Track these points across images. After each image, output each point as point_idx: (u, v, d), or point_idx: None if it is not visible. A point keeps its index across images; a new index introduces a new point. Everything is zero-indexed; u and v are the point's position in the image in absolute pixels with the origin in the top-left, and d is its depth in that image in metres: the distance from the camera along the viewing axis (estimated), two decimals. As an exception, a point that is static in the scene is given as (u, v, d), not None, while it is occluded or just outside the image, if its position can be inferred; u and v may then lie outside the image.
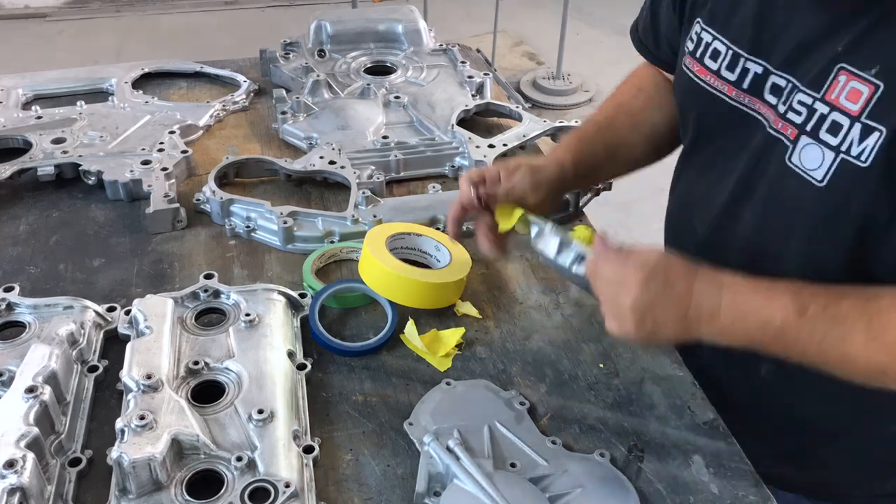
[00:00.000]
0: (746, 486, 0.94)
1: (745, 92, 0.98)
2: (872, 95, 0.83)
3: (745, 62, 0.98)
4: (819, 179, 0.88)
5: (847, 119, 0.85)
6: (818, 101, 0.88)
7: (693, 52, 1.05)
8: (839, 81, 0.86)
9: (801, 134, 0.90)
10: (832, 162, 0.87)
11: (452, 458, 0.91)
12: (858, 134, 0.84)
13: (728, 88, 1.00)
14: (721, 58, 1.01)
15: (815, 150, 0.88)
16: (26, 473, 0.84)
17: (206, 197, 1.40)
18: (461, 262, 1.23)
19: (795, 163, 0.91)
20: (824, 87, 0.88)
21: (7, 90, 1.72)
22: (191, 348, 1.05)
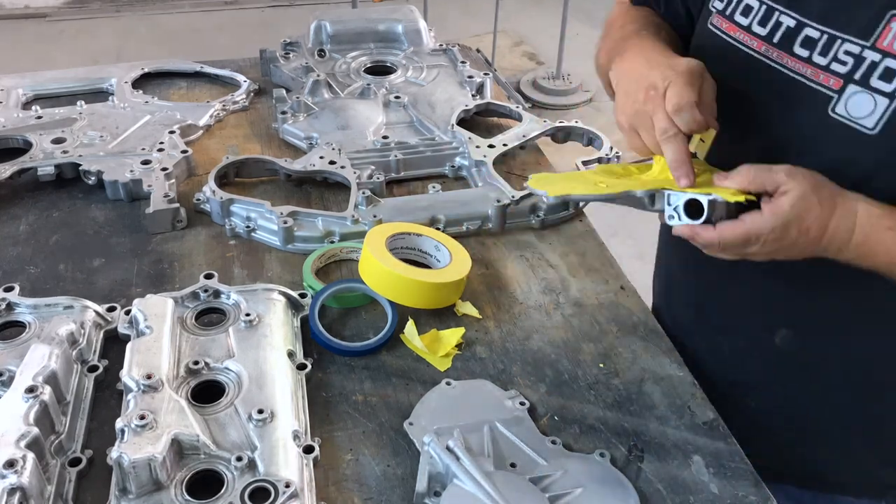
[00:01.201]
0: (746, 486, 0.94)
1: (774, 46, 0.96)
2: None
3: (780, 15, 0.95)
4: (871, 127, 0.86)
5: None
6: (867, 49, 0.87)
7: (723, 11, 1.03)
8: (892, 28, 0.85)
9: (847, 83, 0.88)
10: (886, 108, 0.85)
11: (452, 457, 0.91)
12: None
13: (758, 44, 0.98)
14: (753, 13, 0.98)
15: (865, 97, 0.87)
16: (26, 473, 0.84)
17: (206, 197, 1.40)
18: (461, 262, 1.23)
19: (841, 113, 0.89)
20: (875, 35, 0.86)
21: (7, 90, 1.72)
22: (191, 348, 1.05)
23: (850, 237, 0.86)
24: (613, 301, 1.23)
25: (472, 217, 1.37)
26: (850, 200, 0.87)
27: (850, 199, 0.87)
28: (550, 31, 4.47)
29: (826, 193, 0.87)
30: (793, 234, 0.86)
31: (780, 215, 0.85)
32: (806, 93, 0.93)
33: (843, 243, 0.86)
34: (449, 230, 1.34)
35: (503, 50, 4.77)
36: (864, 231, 0.86)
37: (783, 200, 0.85)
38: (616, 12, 1.23)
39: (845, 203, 0.87)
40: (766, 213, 0.86)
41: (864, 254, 0.87)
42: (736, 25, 1.01)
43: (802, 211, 0.85)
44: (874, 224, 0.86)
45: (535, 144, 1.62)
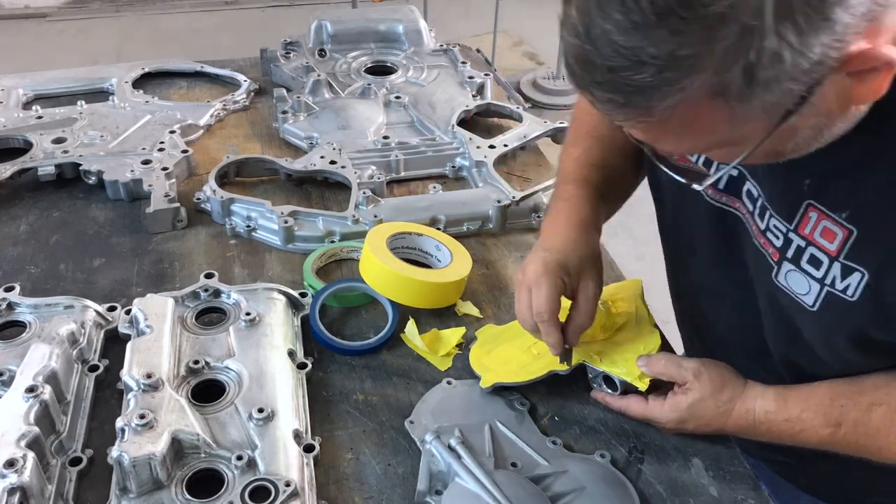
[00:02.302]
0: (745, 490, 0.94)
1: (722, 192, 0.94)
2: (847, 238, 0.79)
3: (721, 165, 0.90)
4: (810, 305, 0.85)
5: (826, 256, 0.82)
6: (791, 232, 0.84)
7: None
8: (810, 218, 0.82)
9: (782, 259, 0.87)
10: (819, 292, 0.84)
11: (454, 456, 0.91)
12: (840, 272, 0.81)
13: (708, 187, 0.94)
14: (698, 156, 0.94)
15: (799, 277, 0.85)
16: (27, 473, 0.84)
17: (206, 196, 1.40)
18: (462, 262, 1.23)
19: (783, 283, 0.88)
20: (795, 221, 0.84)
21: (7, 90, 1.72)
22: (191, 347, 1.05)
23: (754, 431, 0.93)
24: (614, 301, 1.23)
25: (472, 217, 1.37)
26: (748, 400, 0.92)
27: (748, 398, 0.93)
28: (550, 31, 4.45)
29: (726, 397, 0.93)
30: (690, 427, 0.96)
31: (677, 411, 0.95)
32: (754, 249, 0.92)
33: (749, 433, 0.94)
34: (449, 230, 1.34)
35: (503, 50, 4.77)
36: (765, 427, 0.92)
37: (682, 399, 0.94)
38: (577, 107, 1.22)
39: (743, 405, 0.92)
40: (665, 406, 0.96)
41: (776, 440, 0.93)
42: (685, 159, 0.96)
43: (699, 411, 0.94)
44: (771, 420, 0.91)
45: (535, 145, 1.62)
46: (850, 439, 0.87)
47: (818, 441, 0.89)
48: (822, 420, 0.88)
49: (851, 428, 0.87)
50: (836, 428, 0.87)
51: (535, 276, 0.99)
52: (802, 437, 0.90)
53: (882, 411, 0.85)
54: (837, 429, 0.87)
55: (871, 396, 0.86)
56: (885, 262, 0.77)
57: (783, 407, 0.91)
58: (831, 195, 0.80)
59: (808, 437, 0.90)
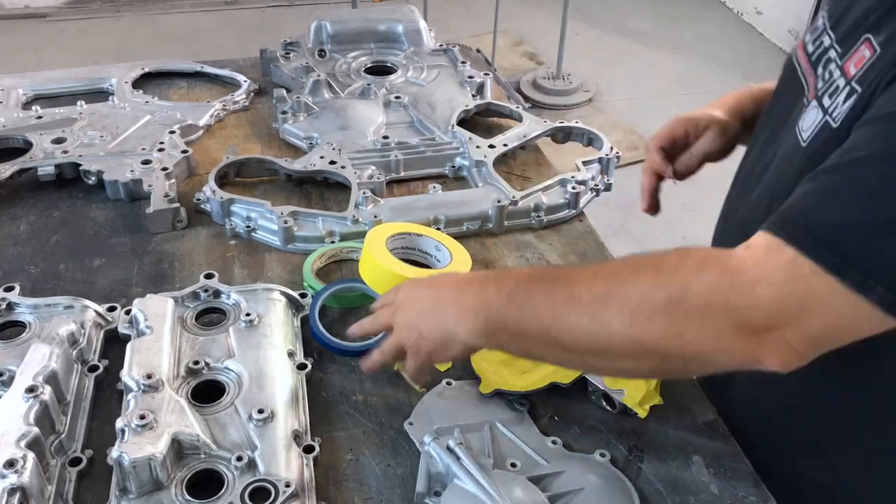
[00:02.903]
0: (746, 487, 0.94)
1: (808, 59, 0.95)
2: (869, 59, 0.80)
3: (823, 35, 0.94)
4: (804, 139, 0.87)
5: (843, 80, 0.83)
6: (839, 68, 0.86)
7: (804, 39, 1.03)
8: (858, 50, 0.83)
9: (813, 99, 0.89)
10: (817, 123, 0.85)
11: (453, 457, 0.91)
12: (844, 95, 0.81)
13: (804, 58, 0.97)
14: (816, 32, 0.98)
15: (814, 112, 0.87)
16: (26, 473, 0.84)
17: (206, 197, 1.40)
18: (461, 262, 1.23)
19: (798, 124, 0.90)
20: (845, 56, 0.86)
21: (7, 90, 1.72)
22: (191, 348, 1.05)
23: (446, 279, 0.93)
24: (613, 301, 1.22)
25: (472, 217, 1.37)
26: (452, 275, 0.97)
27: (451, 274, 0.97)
28: (550, 31, 4.46)
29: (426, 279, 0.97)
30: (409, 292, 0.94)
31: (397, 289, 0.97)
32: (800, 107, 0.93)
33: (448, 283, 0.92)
34: (449, 230, 1.34)
35: (503, 50, 4.77)
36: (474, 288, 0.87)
37: None
38: None
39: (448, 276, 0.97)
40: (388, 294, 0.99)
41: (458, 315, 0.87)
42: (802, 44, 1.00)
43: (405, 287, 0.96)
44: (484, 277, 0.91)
45: (535, 144, 1.62)
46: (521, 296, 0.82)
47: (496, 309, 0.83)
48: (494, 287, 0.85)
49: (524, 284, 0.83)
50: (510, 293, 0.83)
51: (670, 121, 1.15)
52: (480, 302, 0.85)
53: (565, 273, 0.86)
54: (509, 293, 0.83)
55: None
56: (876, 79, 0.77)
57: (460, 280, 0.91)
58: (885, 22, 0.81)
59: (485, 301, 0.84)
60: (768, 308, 0.71)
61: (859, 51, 0.82)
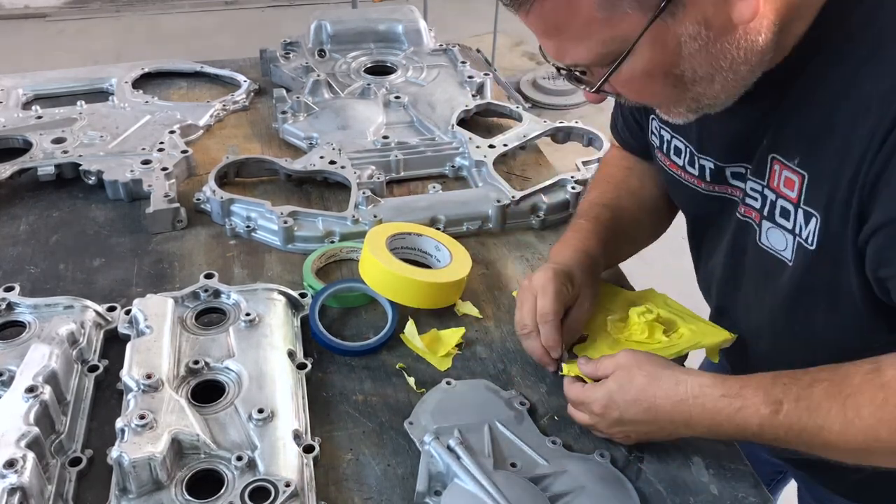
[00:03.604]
0: (746, 487, 0.94)
1: (711, 183, 1.00)
2: (802, 183, 0.85)
3: (700, 159, 1.00)
4: (789, 259, 0.90)
5: (791, 205, 0.87)
6: (765, 188, 0.90)
7: (660, 148, 1.08)
8: (775, 170, 0.88)
9: (762, 218, 0.92)
10: (793, 244, 0.89)
11: (453, 457, 0.91)
12: (802, 219, 0.86)
13: (696, 181, 1.02)
14: (682, 154, 1.03)
15: (777, 232, 0.90)
16: (26, 473, 0.84)
17: (206, 197, 1.40)
18: (461, 262, 1.23)
19: (765, 244, 0.93)
20: (766, 176, 0.90)
21: (7, 90, 1.72)
22: (191, 348, 1.05)
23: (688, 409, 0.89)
24: (613, 301, 1.22)
25: (472, 217, 1.37)
26: (678, 372, 0.91)
27: (679, 372, 0.91)
28: (550, 32, 4.46)
29: (649, 369, 0.92)
30: (619, 404, 0.92)
31: (604, 386, 0.94)
32: (738, 222, 0.98)
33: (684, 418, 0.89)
34: (449, 230, 1.34)
35: (503, 50, 4.77)
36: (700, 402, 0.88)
37: (610, 377, 0.95)
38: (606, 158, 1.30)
39: (672, 375, 0.91)
40: (597, 387, 0.95)
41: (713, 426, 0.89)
42: (674, 164, 1.06)
43: (625, 384, 0.92)
44: (707, 393, 0.88)
45: (535, 144, 1.62)
46: (792, 418, 0.83)
47: (759, 423, 0.85)
48: (762, 397, 0.85)
49: (794, 405, 0.83)
50: (778, 406, 0.83)
51: (542, 281, 1.04)
52: (741, 419, 0.86)
53: (824, 386, 0.83)
54: (779, 407, 0.83)
55: (813, 374, 0.85)
56: (829, 202, 0.82)
57: (720, 383, 0.88)
58: (786, 146, 0.86)
59: (747, 417, 0.85)
60: None
61: (779, 173, 0.87)
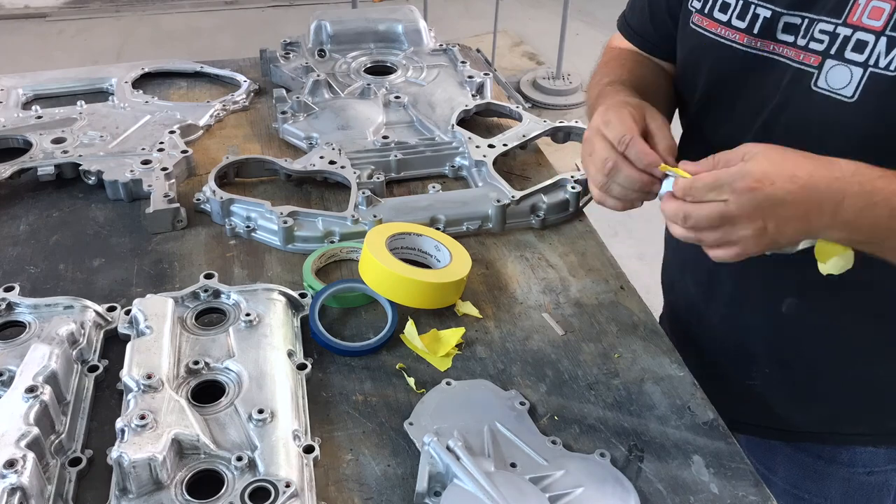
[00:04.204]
0: (747, 486, 0.94)
1: (756, 37, 1.01)
2: (894, 10, 0.87)
3: (755, 8, 1.00)
4: (849, 96, 0.91)
5: (872, 35, 0.89)
6: (840, 25, 0.92)
7: (702, 10, 1.07)
8: (860, 4, 0.90)
9: (825, 59, 0.93)
10: (861, 77, 0.90)
11: (453, 457, 0.91)
12: (885, 46, 0.88)
13: (739, 36, 1.02)
14: (731, 8, 1.03)
15: (842, 69, 0.92)
16: (26, 473, 0.84)
17: (206, 197, 1.40)
18: (461, 262, 1.23)
19: (822, 86, 0.94)
20: (845, 12, 0.91)
21: (7, 90, 1.72)
22: (191, 348, 1.05)
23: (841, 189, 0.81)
24: (613, 301, 1.23)
25: (472, 217, 1.37)
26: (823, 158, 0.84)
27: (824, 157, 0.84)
28: (550, 31, 4.47)
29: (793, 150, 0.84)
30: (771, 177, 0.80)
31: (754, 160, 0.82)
32: (790, 72, 0.98)
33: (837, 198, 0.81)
34: (449, 230, 1.34)
35: (503, 50, 4.77)
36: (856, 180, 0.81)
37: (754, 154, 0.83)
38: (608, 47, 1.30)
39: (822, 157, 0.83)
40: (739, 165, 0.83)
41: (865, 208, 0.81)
42: (716, 22, 1.05)
43: (776, 157, 0.82)
44: (863, 172, 0.81)
45: (535, 144, 1.62)
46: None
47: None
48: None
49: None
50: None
51: (601, 119, 0.95)
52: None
53: None
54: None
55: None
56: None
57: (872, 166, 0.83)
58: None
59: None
60: None
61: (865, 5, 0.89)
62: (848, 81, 0.91)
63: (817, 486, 1.22)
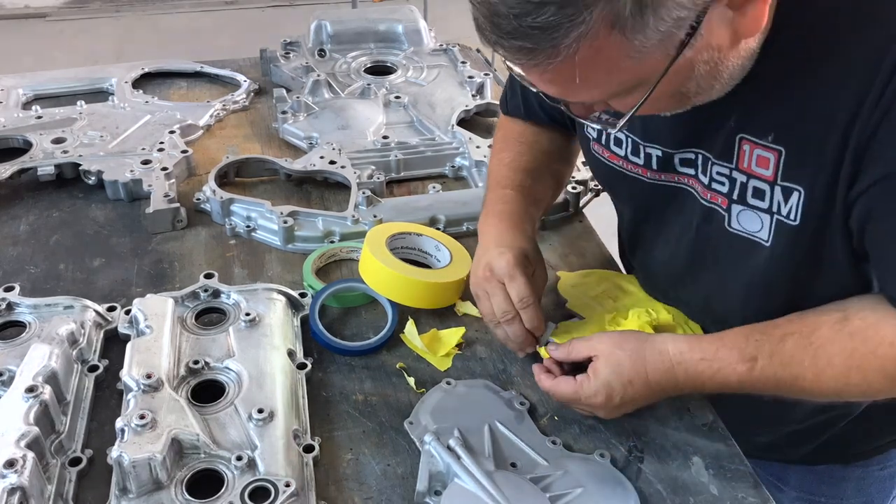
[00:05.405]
0: (746, 488, 0.94)
1: (657, 171, 1.00)
2: (779, 160, 0.85)
3: (645, 148, 0.99)
4: (765, 240, 0.90)
5: (766, 184, 0.87)
6: (734, 170, 0.90)
7: (598, 139, 1.07)
8: (745, 150, 0.88)
9: (731, 202, 0.92)
10: (770, 223, 0.89)
11: (453, 457, 0.91)
12: (781, 196, 0.87)
13: (642, 170, 1.01)
14: (624, 144, 1.02)
15: (751, 214, 0.91)
16: (26, 473, 0.84)
17: (206, 196, 1.40)
18: (461, 261, 1.23)
19: (736, 227, 0.93)
20: (734, 158, 0.89)
21: (7, 90, 1.72)
22: (191, 348, 1.05)
23: (674, 376, 0.93)
24: (613, 301, 1.23)
25: (472, 217, 1.37)
26: (657, 343, 0.94)
27: (656, 342, 0.95)
28: (550, 32, 4.47)
29: (631, 346, 0.95)
30: (618, 390, 0.94)
31: (599, 376, 0.94)
32: (700, 210, 0.97)
33: (672, 384, 0.94)
34: (449, 230, 1.34)
35: (503, 50, 4.77)
36: (682, 368, 0.92)
37: (598, 364, 0.95)
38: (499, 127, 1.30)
39: (653, 346, 0.94)
40: (590, 378, 0.95)
41: (697, 387, 0.94)
42: (615, 154, 1.05)
43: (615, 367, 0.94)
44: (686, 359, 0.92)
45: (535, 144, 1.61)
46: (767, 373, 0.88)
47: (738, 380, 0.90)
48: (737, 355, 0.89)
49: (767, 360, 0.88)
50: (753, 362, 0.89)
51: (507, 268, 1.03)
52: (721, 378, 0.90)
53: (794, 339, 0.88)
54: (754, 363, 0.88)
55: (783, 328, 0.90)
56: (814, 173, 0.83)
57: (696, 346, 0.92)
58: (756, 124, 0.87)
59: (726, 376, 0.90)
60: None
61: (750, 153, 0.88)
62: (760, 226, 0.90)
63: (833, 489, 1.21)
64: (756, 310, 0.96)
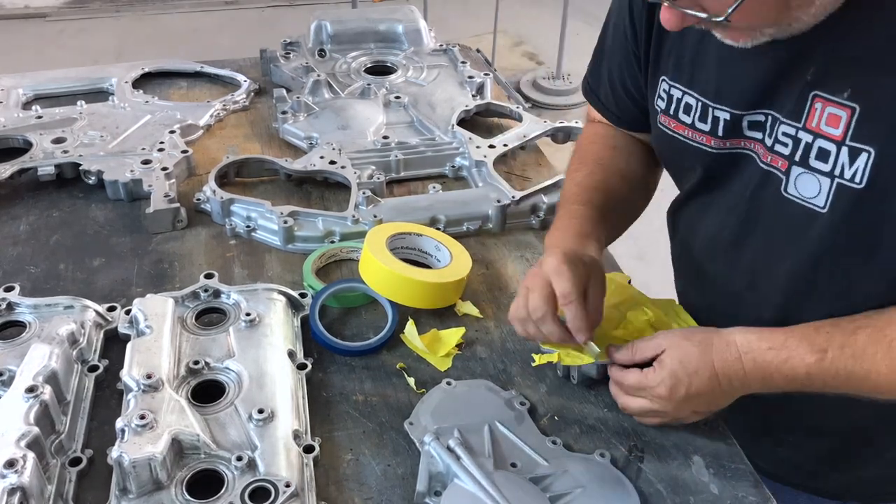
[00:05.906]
0: (746, 487, 0.94)
1: (722, 138, 0.98)
2: (851, 118, 0.83)
3: (714, 111, 0.98)
4: (822, 206, 0.88)
5: (833, 144, 0.85)
6: (801, 130, 0.88)
7: (666, 110, 1.05)
8: (816, 109, 0.86)
9: (791, 164, 0.90)
10: (829, 188, 0.87)
11: (453, 457, 0.91)
12: (847, 157, 0.84)
13: (706, 139, 1.00)
14: (693, 110, 1.01)
15: (809, 178, 0.89)
16: (26, 473, 0.84)
17: (206, 196, 1.40)
18: (461, 261, 1.23)
19: (792, 193, 0.91)
20: (803, 117, 0.88)
21: (7, 90, 1.72)
22: (191, 348, 1.05)
23: (741, 366, 0.91)
24: (613, 301, 1.22)
25: (472, 217, 1.37)
26: (724, 334, 0.93)
27: (724, 333, 0.93)
28: (550, 31, 4.47)
29: (699, 337, 0.94)
30: (684, 380, 0.92)
31: (665, 367, 0.93)
32: (759, 174, 0.96)
33: (739, 375, 0.91)
34: (449, 230, 1.34)
35: (503, 50, 4.77)
36: (750, 357, 0.90)
37: (664, 356, 0.94)
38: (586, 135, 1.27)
39: (720, 337, 0.92)
40: (655, 368, 0.94)
41: (765, 379, 0.91)
42: (682, 124, 1.03)
43: (683, 358, 0.92)
44: (754, 348, 0.90)
45: (535, 145, 1.62)
46: (838, 365, 0.86)
47: (806, 372, 0.88)
48: (807, 346, 0.87)
49: (838, 352, 0.86)
50: (823, 354, 0.87)
51: (554, 265, 0.98)
52: (789, 369, 0.88)
53: (868, 332, 0.86)
54: (824, 355, 0.87)
55: (856, 322, 0.88)
56: (889, 132, 0.80)
57: (765, 336, 0.90)
58: (832, 80, 0.84)
59: (794, 367, 0.88)
60: None
61: (821, 111, 0.86)
62: (818, 191, 0.88)
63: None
64: (799, 295, 0.95)
